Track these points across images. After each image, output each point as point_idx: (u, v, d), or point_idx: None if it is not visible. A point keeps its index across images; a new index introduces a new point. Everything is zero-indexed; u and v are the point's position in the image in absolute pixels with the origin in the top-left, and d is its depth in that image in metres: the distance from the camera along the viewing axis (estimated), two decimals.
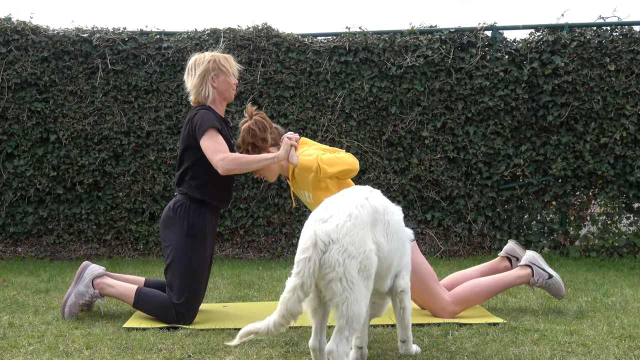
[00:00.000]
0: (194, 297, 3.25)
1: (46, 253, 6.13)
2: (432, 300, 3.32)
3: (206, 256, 3.34)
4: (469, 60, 5.99)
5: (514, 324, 3.15)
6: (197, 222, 3.30)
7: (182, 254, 3.25)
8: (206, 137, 3.19)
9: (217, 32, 6.12)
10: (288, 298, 2.24)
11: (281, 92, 6.05)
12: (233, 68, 3.44)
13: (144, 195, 6.15)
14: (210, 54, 3.44)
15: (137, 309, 3.34)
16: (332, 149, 3.26)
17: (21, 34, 6.05)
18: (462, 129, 6.04)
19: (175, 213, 3.32)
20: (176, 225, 3.30)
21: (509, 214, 6.10)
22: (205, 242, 3.32)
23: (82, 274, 3.40)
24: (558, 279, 3.43)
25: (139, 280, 3.52)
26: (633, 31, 5.90)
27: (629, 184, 5.95)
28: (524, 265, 3.46)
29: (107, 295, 3.40)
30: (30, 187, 6.11)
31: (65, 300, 3.38)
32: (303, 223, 6.10)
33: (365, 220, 2.33)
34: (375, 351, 2.69)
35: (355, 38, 6.07)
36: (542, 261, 3.47)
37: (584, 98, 5.89)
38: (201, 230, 3.30)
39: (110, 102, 6.10)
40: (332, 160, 3.08)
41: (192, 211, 3.30)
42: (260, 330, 2.32)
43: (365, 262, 2.26)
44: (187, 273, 3.24)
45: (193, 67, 3.41)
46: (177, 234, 3.28)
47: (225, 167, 3.13)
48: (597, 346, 2.74)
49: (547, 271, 3.43)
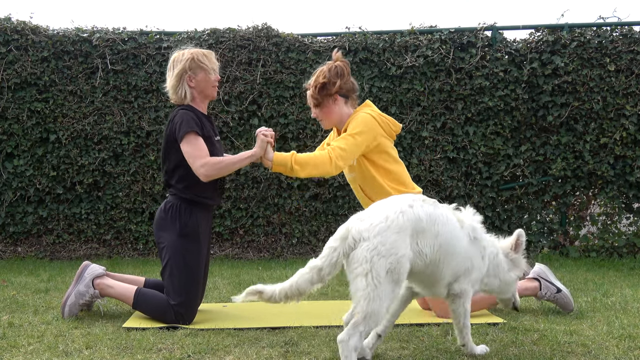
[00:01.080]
0: (191, 298, 3.24)
1: (46, 253, 6.13)
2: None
3: (201, 255, 3.32)
4: (469, 60, 5.99)
5: (513, 324, 3.15)
6: (189, 221, 3.28)
7: (177, 254, 3.24)
8: (185, 142, 3.19)
9: (217, 32, 6.11)
10: (303, 274, 2.38)
11: (281, 92, 6.05)
12: (213, 64, 3.40)
13: (143, 195, 6.15)
14: (189, 50, 3.40)
15: (137, 309, 3.33)
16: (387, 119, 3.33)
17: (21, 34, 6.05)
18: (462, 129, 6.04)
19: (167, 214, 3.31)
20: (169, 226, 3.29)
21: (508, 214, 6.10)
22: (199, 241, 3.31)
23: (82, 273, 3.40)
24: (567, 293, 3.40)
25: (138, 281, 3.52)
26: (633, 31, 5.90)
27: (629, 184, 5.96)
28: (531, 278, 3.44)
29: (107, 295, 3.39)
30: (30, 187, 6.11)
31: (65, 300, 3.37)
32: (303, 223, 6.12)
33: (403, 225, 2.34)
34: (376, 351, 2.69)
35: (355, 38, 6.07)
36: (550, 274, 3.44)
37: (584, 98, 5.89)
38: (194, 230, 3.29)
39: (110, 102, 6.10)
40: (306, 162, 3.11)
41: (183, 211, 3.29)
42: (265, 292, 2.42)
43: (396, 265, 2.29)
44: (183, 273, 3.23)
45: (172, 66, 3.38)
46: (171, 235, 3.27)
47: (206, 174, 3.16)
48: (596, 346, 2.74)
49: (555, 285, 3.40)
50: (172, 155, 3.30)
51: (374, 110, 3.37)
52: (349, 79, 3.38)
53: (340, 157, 3.14)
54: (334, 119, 3.37)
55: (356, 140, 3.17)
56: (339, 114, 3.36)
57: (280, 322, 3.21)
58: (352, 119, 3.28)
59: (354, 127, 3.21)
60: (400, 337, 2.92)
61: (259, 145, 3.17)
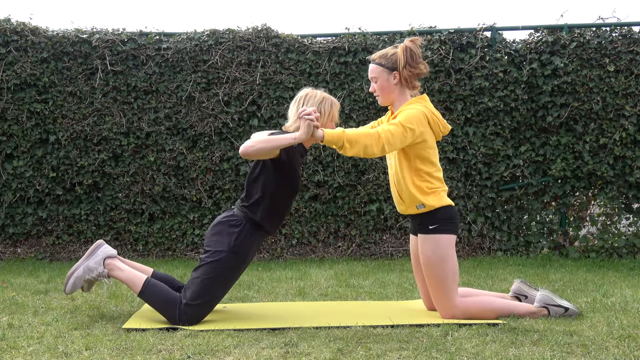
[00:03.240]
0: (204, 306, 3.24)
1: (45, 254, 6.13)
2: (442, 296, 3.28)
3: (237, 276, 3.36)
4: (469, 61, 5.99)
5: (513, 325, 3.15)
6: (245, 242, 3.30)
7: (218, 263, 3.24)
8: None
9: (216, 33, 6.12)
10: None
11: (281, 93, 6.05)
12: (334, 114, 3.44)
13: (143, 196, 6.15)
14: (321, 93, 3.45)
15: (142, 298, 3.32)
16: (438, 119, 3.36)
17: (20, 35, 6.05)
18: (461, 130, 6.04)
19: (229, 225, 3.32)
20: (225, 236, 3.29)
21: (508, 215, 6.10)
22: (244, 263, 3.34)
23: (95, 250, 3.39)
24: (573, 309, 3.37)
25: (147, 270, 3.51)
26: (632, 32, 5.90)
27: (629, 185, 5.96)
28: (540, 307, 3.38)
29: (115, 277, 3.37)
30: (29, 188, 6.11)
31: (72, 272, 3.36)
32: (302, 224, 6.12)
33: None
34: (375, 352, 2.69)
35: (354, 39, 6.07)
36: (556, 297, 3.38)
37: (584, 99, 5.89)
38: (245, 252, 3.31)
39: (110, 103, 6.10)
40: (355, 139, 3.06)
41: (246, 231, 3.30)
42: None
43: None
44: (212, 282, 3.23)
45: (302, 100, 3.43)
46: (222, 245, 3.27)
47: (243, 148, 3.10)
48: (596, 347, 2.74)
49: (562, 306, 3.37)
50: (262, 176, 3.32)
51: (428, 106, 3.37)
52: (419, 64, 3.36)
53: (388, 142, 3.12)
54: (391, 98, 3.38)
55: (406, 134, 3.17)
56: (397, 94, 3.37)
57: (280, 323, 3.21)
58: (406, 109, 3.28)
59: (407, 120, 3.20)
60: (400, 338, 2.91)
61: (304, 130, 3.06)
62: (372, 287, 4.39)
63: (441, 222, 3.30)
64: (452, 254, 3.30)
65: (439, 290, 3.30)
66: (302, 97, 3.45)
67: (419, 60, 3.38)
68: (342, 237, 6.15)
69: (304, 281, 4.54)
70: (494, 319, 3.29)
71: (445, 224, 3.30)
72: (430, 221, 3.31)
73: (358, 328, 3.10)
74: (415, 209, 3.34)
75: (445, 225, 3.30)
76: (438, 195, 3.32)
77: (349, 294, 4.13)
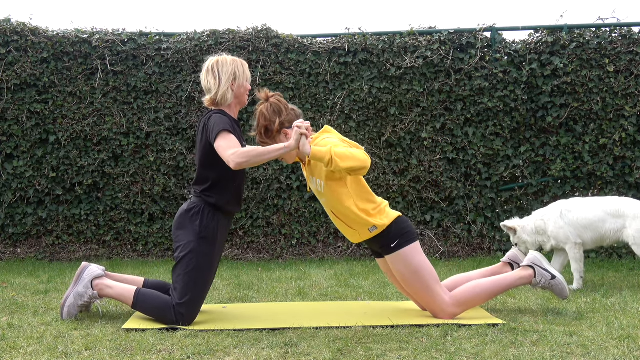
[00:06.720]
0: (195, 299, 3.25)
1: (45, 254, 6.13)
2: (432, 302, 3.32)
3: (214, 260, 3.35)
4: (468, 61, 6.00)
5: (513, 325, 3.15)
6: (209, 225, 3.31)
7: (191, 254, 3.26)
8: (219, 138, 3.17)
9: (216, 33, 6.12)
10: None
11: (280, 93, 6.06)
12: (248, 74, 3.45)
13: (143, 196, 6.15)
14: (231, 57, 3.43)
15: (136, 309, 3.34)
16: (352, 143, 3.21)
17: (21, 35, 6.05)
18: (461, 130, 6.04)
19: (188, 214, 3.33)
20: (188, 226, 3.31)
21: (508, 215, 6.09)
22: (215, 246, 3.33)
23: (81, 274, 3.40)
24: (561, 280, 3.42)
25: (138, 281, 3.52)
26: (632, 32, 5.91)
27: (628, 185, 5.96)
28: (526, 266, 3.46)
29: (106, 296, 3.39)
30: (29, 188, 6.11)
31: (64, 301, 3.37)
32: (302, 224, 6.12)
33: None
34: (375, 352, 2.69)
35: (354, 39, 6.07)
36: (544, 261, 3.45)
37: (583, 99, 5.89)
38: (212, 234, 3.32)
39: (110, 103, 6.11)
40: (345, 155, 3.04)
41: (206, 214, 3.31)
42: None
43: None
44: (192, 274, 3.25)
45: (215, 68, 3.37)
46: (189, 235, 3.29)
47: (236, 161, 3.09)
48: (596, 347, 2.74)
49: (549, 272, 3.42)
50: (207, 158, 3.31)
51: (335, 134, 3.33)
52: (289, 110, 3.38)
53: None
54: (293, 154, 3.32)
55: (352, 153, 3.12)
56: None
57: (280, 323, 3.21)
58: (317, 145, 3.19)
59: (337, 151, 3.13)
60: (400, 338, 2.92)
61: (293, 137, 3.09)
62: (372, 287, 4.39)
63: (399, 236, 3.32)
64: (422, 260, 3.33)
65: (426, 297, 3.33)
66: (214, 65, 3.39)
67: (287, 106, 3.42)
68: (342, 237, 6.15)
69: (304, 281, 4.55)
70: (489, 297, 3.38)
71: (404, 237, 3.33)
72: (389, 241, 3.32)
73: (358, 328, 3.10)
74: (369, 233, 3.33)
75: (404, 238, 3.32)
76: (384, 212, 3.33)
77: (349, 294, 4.13)
